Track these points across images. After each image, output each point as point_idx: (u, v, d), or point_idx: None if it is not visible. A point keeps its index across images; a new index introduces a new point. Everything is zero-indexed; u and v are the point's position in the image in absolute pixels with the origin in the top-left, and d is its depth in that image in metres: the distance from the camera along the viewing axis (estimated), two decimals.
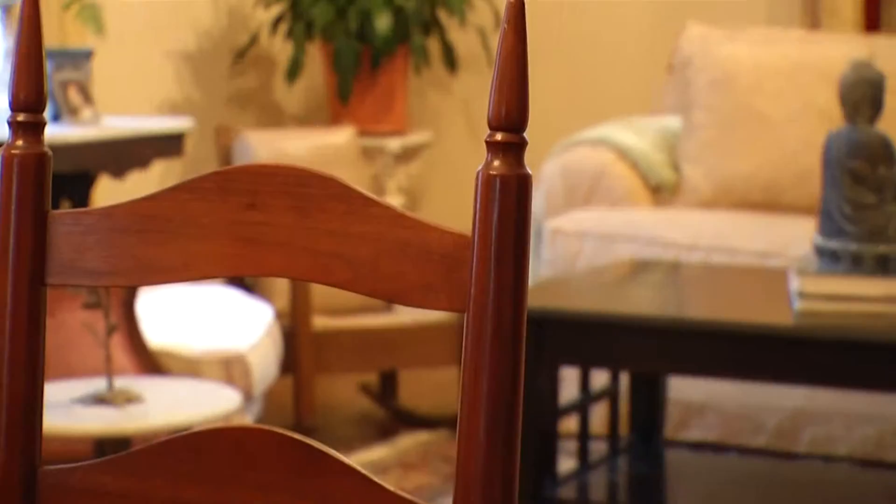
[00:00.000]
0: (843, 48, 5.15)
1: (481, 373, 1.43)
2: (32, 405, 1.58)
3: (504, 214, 1.41)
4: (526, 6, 1.42)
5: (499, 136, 1.41)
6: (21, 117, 1.57)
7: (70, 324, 3.77)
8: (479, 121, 6.12)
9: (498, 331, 1.43)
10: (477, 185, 1.42)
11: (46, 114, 1.61)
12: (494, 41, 1.53)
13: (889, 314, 3.84)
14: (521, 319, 1.43)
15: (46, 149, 1.59)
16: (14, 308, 1.58)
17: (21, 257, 1.57)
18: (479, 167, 1.42)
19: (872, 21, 5.67)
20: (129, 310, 3.84)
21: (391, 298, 1.48)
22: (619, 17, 6.06)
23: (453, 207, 6.14)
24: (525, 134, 1.42)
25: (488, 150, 1.42)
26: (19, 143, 1.57)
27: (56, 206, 4.78)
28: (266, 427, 1.53)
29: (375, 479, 1.47)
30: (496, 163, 1.41)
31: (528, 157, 1.43)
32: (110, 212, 1.57)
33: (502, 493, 1.43)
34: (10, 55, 1.55)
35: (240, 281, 4.85)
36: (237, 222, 1.51)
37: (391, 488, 1.46)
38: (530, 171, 1.42)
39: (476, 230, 1.42)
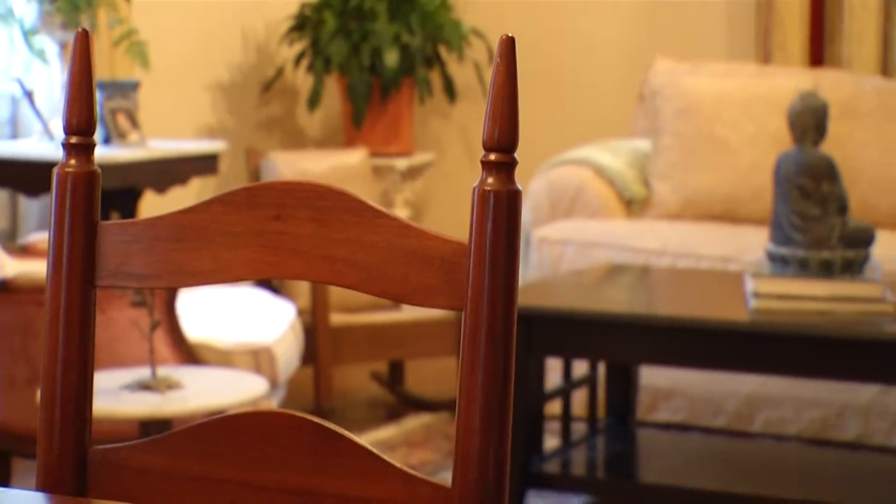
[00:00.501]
0: (791, 80, 5.15)
1: (477, 364, 1.43)
2: (83, 393, 1.58)
3: (497, 225, 1.41)
4: (516, 43, 1.42)
5: (492, 157, 1.41)
6: (73, 140, 1.58)
7: (119, 320, 3.76)
8: (476, 143, 6.12)
9: (491, 327, 1.43)
10: (473, 200, 1.42)
11: (97, 137, 1.61)
12: (488, 74, 1.52)
13: (831, 312, 3.84)
14: (512, 317, 1.43)
15: (96, 167, 1.59)
16: (67, 308, 1.57)
17: (73, 263, 1.56)
18: (475, 184, 1.42)
19: (817, 57, 5.67)
20: (171, 308, 3.83)
21: (397, 299, 1.48)
22: (597, 52, 6.06)
23: (453, 219, 6.14)
24: (515, 154, 1.42)
25: (483, 169, 1.42)
26: (72, 162, 1.57)
27: (106, 217, 4.78)
28: (289, 411, 1.53)
29: (384, 456, 1.47)
30: (490, 180, 1.41)
31: (518, 174, 1.43)
32: (153, 222, 1.56)
33: (495, 468, 1.43)
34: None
35: (266, 282, 4.85)
36: (264, 232, 1.51)
37: (397, 464, 1.47)
38: (520, 187, 1.42)
39: (472, 239, 1.42)
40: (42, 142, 4.91)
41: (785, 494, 3.94)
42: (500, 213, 1.41)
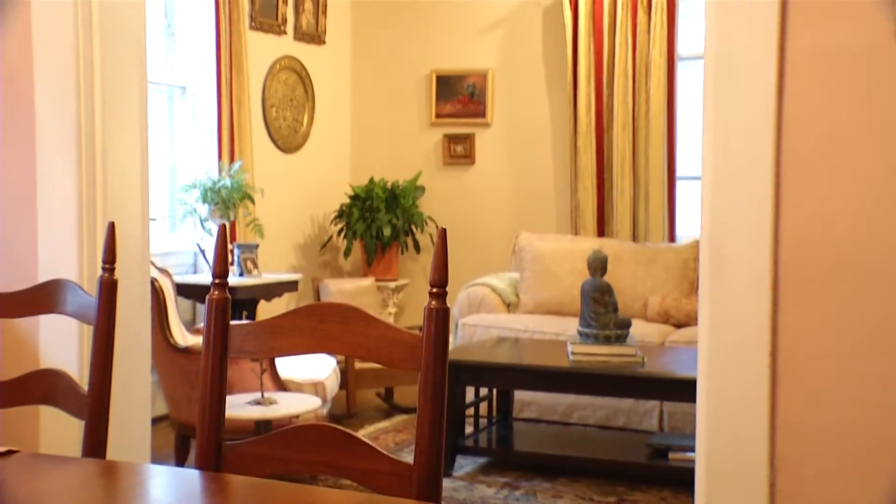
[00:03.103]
0: (588, 244, 5.18)
1: (427, 391, 1.40)
2: (219, 409, 1.53)
3: (437, 327, 1.39)
4: (447, 231, 1.40)
5: (434, 290, 1.40)
6: (217, 280, 1.55)
7: (244, 368, 3.70)
8: None
9: (434, 375, 1.41)
10: (424, 313, 1.40)
11: (234, 275, 1.57)
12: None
13: (610, 362, 3.86)
14: (445, 369, 1.41)
15: (228, 295, 1.55)
16: (212, 366, 1.53)
17: (216, 344, 1.52)
18: (426, 304, 1.40)
19: (601, 231, 5.72)
20: (272, 362, 3.76)
21: (386, 364, 1.45)
22: (492, 228, 6.08)
23: (417, 314, 6.11)
24: (446, 288, 1.40)
25: (430, 296, 1.41)
26: (215, 292, 1.54)
27: (239, 315, 4.57)
28: (329, 424, 1.48)
29: (377, 447, 1.43)
30: (433, 303, 1.40)
31: (450, 290, 1.40)
32: (258, 324, 1.53)
33: (437, 450, 1.40)
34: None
35: None
36: (315, 329, 1.48)
37: (384, 452, 1.43)
38: (449, 306, 1.40)
39: (424, 333, 1.40)
40: (209, 276, 4.86)
41: (588, 455, 3.91)
42: (439, 320, 1.39)
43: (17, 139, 2.80)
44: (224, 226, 1.49)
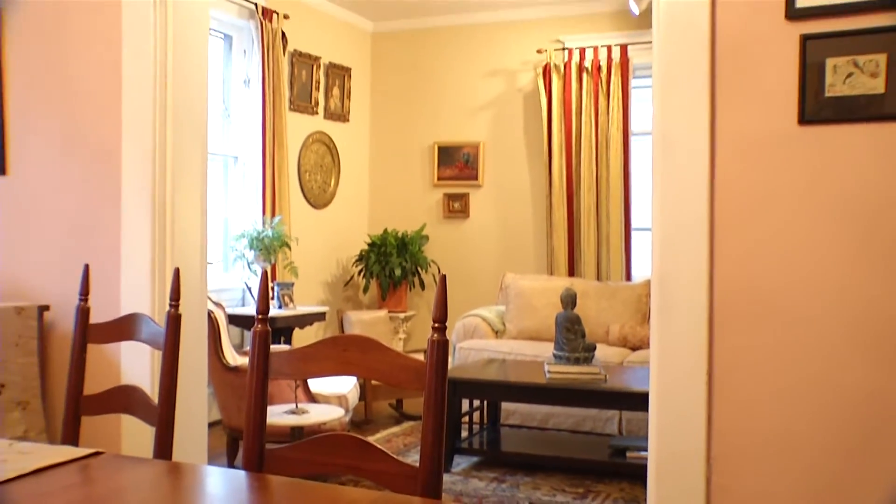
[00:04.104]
0: (561, 282, 5.18)
1: (431, 403, 1.39)
2: (262, 420, 1.53)
3: (438, 355, 1.39)
4: (447, 276, 1.41)
5: (436, 325, 1.40)
6: (259, 316, 1.54)
7: (282, 385, 3.69)
8: None
9: (436, 392, 1.39)
10: (428, 343, 1.40)
11: (274, 307, 1.58)
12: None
13: (579, 378, 3.84)
14: (445, 386, 1.40)
15: (269, 327, 1.55)
16: (256, 384, 1.52)
17: (258, 367, 1.53)
18: (429, 336, 1.40)
19: (571, 272, 5.72)
20: (305, 381, 3.75)
21: (395, 385, 1.44)
22: (483, 270, 6.09)
23: (423, 341, 6.10)
24: (446, 323, 1.41)
25: (432, 329, 1.41)
26: (259, 326, 1.54)
27: (278, 341, 4.56)
28: (348, 433, 1.47)
29: (387, 451, 1.42)
30: (435, 335, 1.40)
31: (450, 321, 1.41)
32: (291, 351, 1.53)
33: (438, 453, 1.38)
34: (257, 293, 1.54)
35: None
36: (339, 356, 1.48)
37: (393, 455, 1.41)
38: (448, 338, 1.40)
39: (427, 360, 1.40)
40: (255, 309, 4.85)
41: (561, 454, 3.88)
42: (440, 349, 1.39)
43: (108, 202, 2.85)
44: (266, 271, 1.51)
